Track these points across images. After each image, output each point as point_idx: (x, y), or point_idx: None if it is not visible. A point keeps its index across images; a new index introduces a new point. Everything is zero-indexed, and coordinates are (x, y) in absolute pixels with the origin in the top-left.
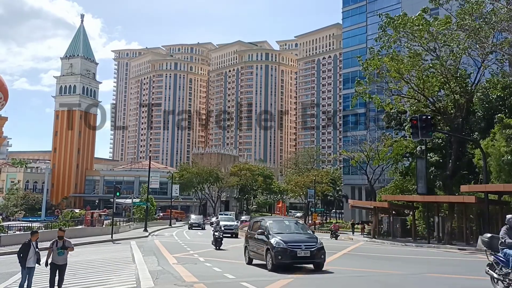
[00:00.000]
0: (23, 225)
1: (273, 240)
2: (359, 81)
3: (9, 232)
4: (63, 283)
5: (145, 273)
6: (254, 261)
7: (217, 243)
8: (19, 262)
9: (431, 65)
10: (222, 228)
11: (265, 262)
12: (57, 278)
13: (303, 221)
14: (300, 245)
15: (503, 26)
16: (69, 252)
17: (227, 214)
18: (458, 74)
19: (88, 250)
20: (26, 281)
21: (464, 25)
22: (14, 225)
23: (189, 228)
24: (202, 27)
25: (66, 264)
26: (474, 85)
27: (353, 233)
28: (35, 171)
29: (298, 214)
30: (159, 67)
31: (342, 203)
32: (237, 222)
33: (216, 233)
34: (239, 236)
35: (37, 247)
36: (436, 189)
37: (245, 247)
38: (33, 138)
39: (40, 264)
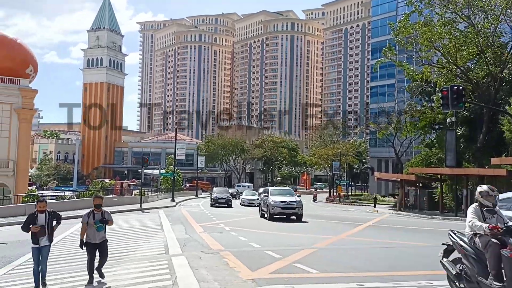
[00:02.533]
0: (56, 194)
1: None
2: (390, 47)
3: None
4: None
5: (173, 240)
6: (278, 232)
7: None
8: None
9: (465, 33)
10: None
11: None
12: (97, 259)
13: (328, 193)
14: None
15: None
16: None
17: (245, 186)
18: (493, 43)
19: (118, 219)
20: (40, 265)
21: None
22: (47, 194)
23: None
24: None
25: (106, 240)
26: (510, 55)
27: (375, 206)
28: (66, 143)
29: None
30: (183, 38)
31: (368, 175)
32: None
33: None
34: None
35: (48, 220)
36: (465, 161)
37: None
38: (64, 111)
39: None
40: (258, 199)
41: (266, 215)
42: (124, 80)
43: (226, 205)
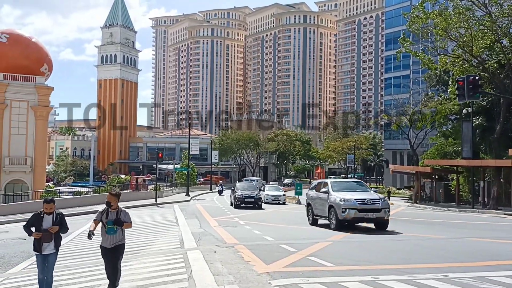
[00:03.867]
0: (73, 189)
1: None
2: (405, 37)
3: (60, 196)
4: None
5: (188, 234)
6: (291, 226)
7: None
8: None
9: (481, 21)
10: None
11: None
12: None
13: None
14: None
15: None
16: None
17: (253, 181)
18: (510, 30)
19: (134, 213)
20: (44, 275)
21: None
22: (64, 189)
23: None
24: None
25: (123, 244)
26: None
27: (388, 199)
28: (81, 139)
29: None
30: (196, 33)
31: (383, 168)
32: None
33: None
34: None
35: (55, 224)
36: (482, 153)
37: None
38: (79, 107)
39: (57, 250)
40: (284, 195)
41: (331, 222)
42: (138, 76)
43: (255, 205)
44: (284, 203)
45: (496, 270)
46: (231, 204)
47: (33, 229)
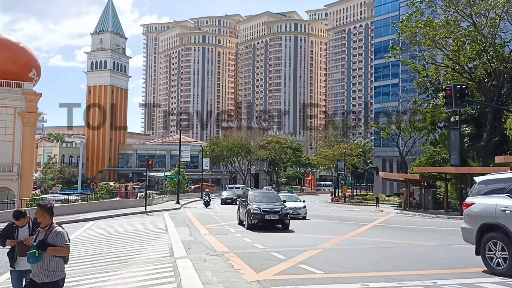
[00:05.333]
0: (61, 197)
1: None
2: (394, 46)
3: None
4: None
5: (178, 243)
6: (287, 234)
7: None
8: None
9: (467, 32)
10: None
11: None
12: None
13: (333, 193)
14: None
15: None
16: (63, 257)
17: (238, 188)
18: (495, 41)
19: (123, 222)
20: None
21: None
22: (52, 197)
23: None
24: None
25: (54, 282)
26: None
27: (377, 206)
28: (70, 146)
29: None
30: (187, 40)
31: (373, 175)
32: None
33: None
34: None
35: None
36: (470, 160)
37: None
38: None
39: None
40: (305, 207)
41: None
42: (128, 83)
43: (280, 224)
44: (304, 218)
45: (484, 277)
46: (241, 224)
47: None
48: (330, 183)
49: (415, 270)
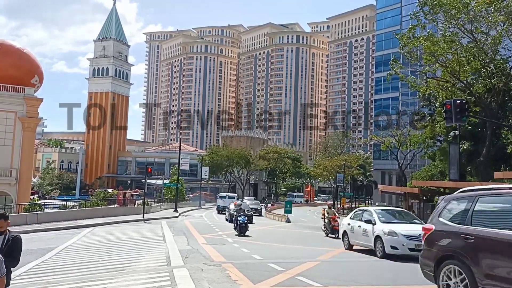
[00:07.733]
0: (59, 203)
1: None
2: (395, 59)
3: (45, 209)
4: None
5: (175, 252)
6: (281, 244)
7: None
8: None
9: (468, 48)
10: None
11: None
12: None
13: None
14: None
15: None
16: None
17: (231, 198)
18: (496, 57)
19: (120, 229)
20: None
21: (502, 7)
22: (50, 203)
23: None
24: (233, 8)
25: None
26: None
27: None
28: (69, 152)
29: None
30: (190, 49)
31: (372, 188)
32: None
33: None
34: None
35: (5, 247)
36: (468, 175)
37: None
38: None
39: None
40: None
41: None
42: (129, 90)
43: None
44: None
45: None
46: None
47: None
48: (323, 195)
49: (413, 284)
